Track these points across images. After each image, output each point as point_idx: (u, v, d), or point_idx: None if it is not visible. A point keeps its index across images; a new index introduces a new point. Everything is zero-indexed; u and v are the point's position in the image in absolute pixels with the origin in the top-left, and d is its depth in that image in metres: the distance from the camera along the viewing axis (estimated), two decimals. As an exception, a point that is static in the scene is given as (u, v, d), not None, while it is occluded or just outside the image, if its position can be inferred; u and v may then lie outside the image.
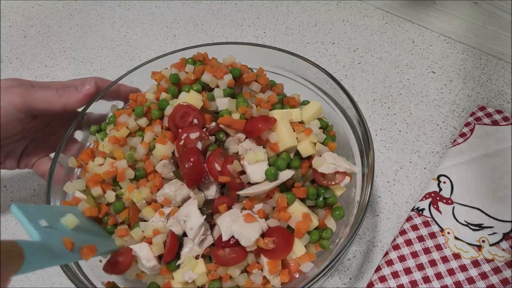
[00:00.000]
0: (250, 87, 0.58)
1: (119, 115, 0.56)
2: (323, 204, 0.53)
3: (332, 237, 0.51)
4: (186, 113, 0.52)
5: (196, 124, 0.52)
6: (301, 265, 0.50)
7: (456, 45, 0.86)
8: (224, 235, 0.47)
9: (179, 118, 0.52)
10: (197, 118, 0.52)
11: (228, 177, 0.49)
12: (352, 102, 0.56)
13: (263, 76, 0.59)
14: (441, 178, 0.66)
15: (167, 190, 0.51)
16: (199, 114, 0.53)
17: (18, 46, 0.97)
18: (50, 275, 0.64)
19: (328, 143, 0.54)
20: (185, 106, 0.53)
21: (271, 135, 0.51)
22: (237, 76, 0.57)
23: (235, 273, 0.48)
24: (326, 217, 0.52)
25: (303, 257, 0.49)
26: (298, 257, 0.49)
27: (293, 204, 0.50)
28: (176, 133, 0.52)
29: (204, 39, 0.93)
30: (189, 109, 0.52)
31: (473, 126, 0.71)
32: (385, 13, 0.94)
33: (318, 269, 0.47)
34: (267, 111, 0.53)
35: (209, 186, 0.52)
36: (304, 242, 0.50)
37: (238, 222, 0.47)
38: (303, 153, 0.52)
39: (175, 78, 0.57)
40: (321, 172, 0.51)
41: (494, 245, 0.59)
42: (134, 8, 1.02)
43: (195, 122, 0.52)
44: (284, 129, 0.51)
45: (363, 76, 0.83)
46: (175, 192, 0.50)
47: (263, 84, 0.58)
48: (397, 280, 0.57)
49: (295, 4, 0.98)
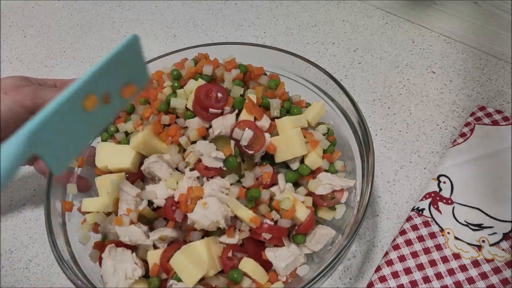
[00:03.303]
0: (259, 81, 0.58)
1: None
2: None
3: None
4: (209, 90, 0.52)
5: (221, 98, 0.52)
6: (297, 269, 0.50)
7: (456, 45, 0.86)
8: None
9: (205, 96, 0.52)
10: (221, 92, 0.53)
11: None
12: (352, 102, 0.56)
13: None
14: (441, 178, 0.66)
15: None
16: (221, 88, 0.53)
17: (18, 46, 0.97)
18: (50, 275, 0.64)
19: (335, 152, 0.57)
20: (205, 84, 0.53)
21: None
22: (244, 73, 0.57)
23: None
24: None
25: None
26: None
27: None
28: (204, 115, 0.52)
29: (204, 39, 0.93)
30: (210, 86, 0.53)
31: (473, 126, 0.71)
32: (385, 13, 0.94)
33: (319, 269, 0.47)
34: (268, 119, 0.54)
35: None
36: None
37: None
38: (311, 166, 0.53)
39: (177, 75, 0.57)
40: (319, 194, 0.52)
41: (494, 245, 0.59)
42: (134, 8, 1.02)
43: (219, 96, 0.52)
44: (296, 138, 0.52)
45: (363, 76, 0.83)
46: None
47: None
48: (397, 280, 0.57)
49: (295, 4, 0.98)
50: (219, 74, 0.56)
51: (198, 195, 0.48)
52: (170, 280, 0.48)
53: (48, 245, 0.51)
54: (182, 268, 0.46)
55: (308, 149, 0.53)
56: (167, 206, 0.50)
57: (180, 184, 0.50)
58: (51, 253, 0.63)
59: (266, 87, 0.58)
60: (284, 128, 0.54)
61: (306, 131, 0.56)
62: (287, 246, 0.51)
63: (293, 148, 0.52)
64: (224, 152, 0.49)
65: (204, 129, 0.53)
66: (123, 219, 0.49)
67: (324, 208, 0.53)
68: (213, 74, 0.56)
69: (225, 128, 0.51)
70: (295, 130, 0.52)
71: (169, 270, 0.48)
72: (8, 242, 0.68)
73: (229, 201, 0.49)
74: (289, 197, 0.50)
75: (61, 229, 0.53)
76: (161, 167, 0.52)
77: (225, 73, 0.56)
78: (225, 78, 0.55)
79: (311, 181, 0.53)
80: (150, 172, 0.52)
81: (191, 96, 0.54)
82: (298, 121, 0.55)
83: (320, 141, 0.55)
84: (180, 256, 0.47)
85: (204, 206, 0.47)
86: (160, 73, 0.60)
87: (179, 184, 0.50)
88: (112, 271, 0.48)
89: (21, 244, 0.67)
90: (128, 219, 0.49)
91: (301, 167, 0.53)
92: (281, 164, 0.55)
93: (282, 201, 0.50)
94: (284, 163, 0.54)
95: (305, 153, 0.52)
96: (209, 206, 0.47)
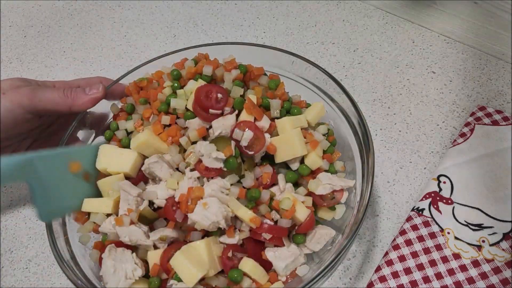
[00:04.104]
0: (259, 81, 0.58)
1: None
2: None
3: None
4: (209, 91, 0.52)
5: (221, 99, 0.52)
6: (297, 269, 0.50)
7: (456, 45, 0.86)
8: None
9: (205, 97, 0.52)
10: (221, 93, 0.53)
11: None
12: (352, 102, 0.56)
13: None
14: (441, 178, 0.66)
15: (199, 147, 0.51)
16: (220, 88, 0.53)
17: (18, 46, 0.97)
18: (50, 275, 0.64)
19: (335, 153, 0.57)
20: (205, 85, 0.53)
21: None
22: (244, 73, 0.57)
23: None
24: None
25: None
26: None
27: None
28: (204, 116, 0.52)
29: (204, 39, 0.93)
30: (210, 86, 0.53)
31: (473, 126, 0.71)
32: (385, 13, 0.94)
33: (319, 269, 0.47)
34: (268, 119, 0.54)
35: None
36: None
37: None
38: (311, 166, 0.53)
39: (177, 75, 0.57)
40: (319, 194, 0.52)
41: (494, 245, 0.59)
42: (134, 8, 1.02)
43: (219, 96, 0.52)
44: (296, 138, 0.52)
45: (363, 76, 0.83)
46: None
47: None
48: (397, 280, 0.57)
49: (295, 4, 0.98)
50: (219, 74, 0.56)
51: (198, 195, 0.48)
52: (170, 280, 0.48)
53: (48, 245, 0.51)
54: (182, 268, 0.46)
55: (308, 150, 0.53)
56: (167, 207, 0.50)
57: (181, 185, 0.50)
58: (51, 253, 0.64)
59: (266, 87, 0.58)
60: (284, 129, 0.54)
61: (306, 131, 0.56)
62: (287, 246, 0.51)
63: (293, 149, 0.52)
64: (225, 153, 0.49)
65: (205, 129, 0.53)
66: (124, 219, 0.49)
67: (324, 208, 0.53)
68: (213, 74, 0.56)
69: (225, 128, 0.51)
70: (295, 131, 0.52)
71: (169, 270, 0.48)
72: (8, 242, 0.68)
73: (229, 202, 0.49)
74: (289, 197, 0.50)
75: (61, 229, 0.53)
76: (162, 168, 0.52)
77: (225, 73, 0.56)
78: (225, 79, 0.55)
79: (311, 181, 0.53)
80: (150, 173, 0.52)
81: (191, 97, 0.54)
82: (298, 122, 0.55)
83: (320, 141, 0.55)
84: (180, 256, 0.47)
85: (204, 206, 0.47)
86: (160, 73, 0.60)
87: (179, 184, 0.50)
88: (112, 271, 0.48)
89: (21, 244, 0.67)
90: (128, 219, 0.49)
91: (301, 167, 0.53)
92: (281, 164, 0.55)
93: (282, 201, 0.50)
94: (284, 163, 0.54)
95: (305, 153, 0.52)
96: (210, 206, 0.47)
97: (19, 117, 0.54)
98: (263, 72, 0.59)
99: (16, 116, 0.54)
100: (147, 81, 0.59)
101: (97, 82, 0.63)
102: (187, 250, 0.48)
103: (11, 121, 0.54)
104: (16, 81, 0.56)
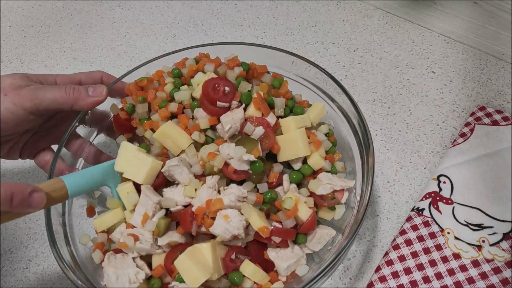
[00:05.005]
0: (262, 79, 0.58)
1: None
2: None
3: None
4: (217, 84, 0.52)
5: (229, 92, 0.52)
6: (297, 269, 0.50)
7: (456, 45, 0.86)
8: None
9: (212, 90, 0.51)
10: (228, 86, 0.52)
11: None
12: (352, 102, 0.56)
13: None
14: (441, 178, 0.66)
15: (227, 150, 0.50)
16: (228, 82, 0.53)
17: (18, 46, 0.97)
18: (50, 275, 0.64)
19: (336, 153, 0.57)
20: (212, 78, 0.53)
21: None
22: (246, 71, 0.57)
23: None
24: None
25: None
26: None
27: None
28: (211, 110, 0.52)
29: (204, 39, 0.93)
30: (217, 80, 0.53)
31: (473, 126, 0.71)
32: (385, 13, 0.94)
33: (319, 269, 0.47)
34: (274, 116, 0.54)
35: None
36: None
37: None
38: (314, 167, 0.53)
39: (178, 73, 0.57)
40: (320, 194, 0.52)
41: (494, 245, 0.59)
42: (134, 8, 1.02)
43: (227, 90, 0.52)
44: (300, 138, 0.52)
45: (363, 76, 0.83)
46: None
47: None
48: (397, 280, 0.57)
49: (295, 4, 0.98)
50: (221, 72, 0.56)
51: (218, 208, 0.48)
52: (172, 281, 0.48)
53: (48, 245, 0.51)
54: (186, 270, 0.46)
55: (311, 150, 0.53)
56: (185, 217, 0.49)
57: (198, 193, 0.49)
58: (51, 253, 0.64)
59: (270, 85, 0.58)
60: (288, 128, 0.53)
61: (309, 131, 0.55)
62: (291, 247, 0.51)
63: (296, 149, 0.52)
64: (254, 154, 0.49)
65: (215, 118, 0.52)
66: (128, 242, 0.48)
67: (324, 208, 0.53)
68: (215, 72, 0.56)
69: (234, 123, 0.51)
70: (299, 131, 0.52)
71: (173, 271, 0.48)
72: (8, 242, 0.68)
73: (242, 208, 0.48)
74: (292, 196, 0.50)
75: (61, 229, 0.53)
76: (182, 172, 0.51)
77: (228, 71, 0.56)
78: (228, 76, 0.55)
79: (311, 181, 0.52)
80: (170, 175, 0.52)
81: (198, 88, 0.53)
82: (302, 121, 0.55)
83: (322, 141, 0.55)
84: (185, 258, 0.47)
85: (226, 219, 0.47)
86: (161, 72, 0.60)
87: (197, 193, 0.50)
88: (115, 278, 0.47)
89: (21, 244, 0.67)
90: (132, 241, 0.48)
91: (304, 167, 0.53)
92: (283, 163, 0.54)
93: (285, 201, 0.49)
94: (286, 162, 0.54)
95: (308, 154, 0.52)
96: (231, 220, 0.47)
97: (21, 118, 0.54)
98: (266, 70, 0.59)
99: (19, 117, 0.54)
100: (148, 81, 0.59)
101: (99, 77, 0.63)
102: (192, 252, 0.47)
103: (14, 122, 0.54)
104: (17, 79, 0.55)
